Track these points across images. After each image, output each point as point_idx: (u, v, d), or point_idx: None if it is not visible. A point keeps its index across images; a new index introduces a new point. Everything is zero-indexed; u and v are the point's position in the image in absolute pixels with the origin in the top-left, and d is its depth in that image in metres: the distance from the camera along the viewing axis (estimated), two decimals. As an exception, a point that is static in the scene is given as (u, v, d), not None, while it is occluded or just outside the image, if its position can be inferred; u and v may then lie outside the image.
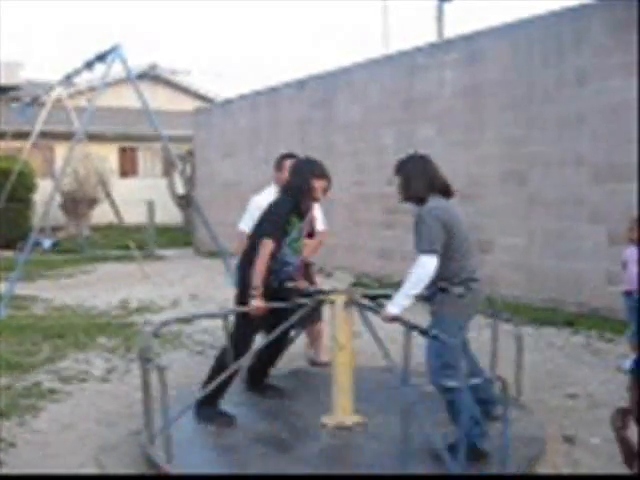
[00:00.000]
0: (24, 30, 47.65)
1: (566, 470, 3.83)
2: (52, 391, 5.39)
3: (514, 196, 8.64)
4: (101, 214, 17.66)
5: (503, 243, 8.79)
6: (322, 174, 4.60)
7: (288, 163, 5.41)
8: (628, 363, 5.63)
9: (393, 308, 3.81)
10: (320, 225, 5.73)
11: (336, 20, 54.29)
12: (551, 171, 8.18)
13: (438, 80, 9.64)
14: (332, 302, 4.28)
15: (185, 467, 3.71)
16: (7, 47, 48.09)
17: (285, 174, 5.32)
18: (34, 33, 53.11)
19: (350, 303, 4.27)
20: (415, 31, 35.47)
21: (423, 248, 3.76)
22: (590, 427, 4.45)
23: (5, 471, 3.94)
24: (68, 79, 11.70)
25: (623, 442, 2.30)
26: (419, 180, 3.96)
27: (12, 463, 4.05)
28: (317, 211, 5.53)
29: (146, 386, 3.81)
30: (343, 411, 4.29)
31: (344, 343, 4.26)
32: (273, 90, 13.58)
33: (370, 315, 4.22)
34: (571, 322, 7.39)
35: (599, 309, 7.62)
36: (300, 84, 12.68)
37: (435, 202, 3.91)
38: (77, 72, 11.14)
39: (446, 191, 4.02)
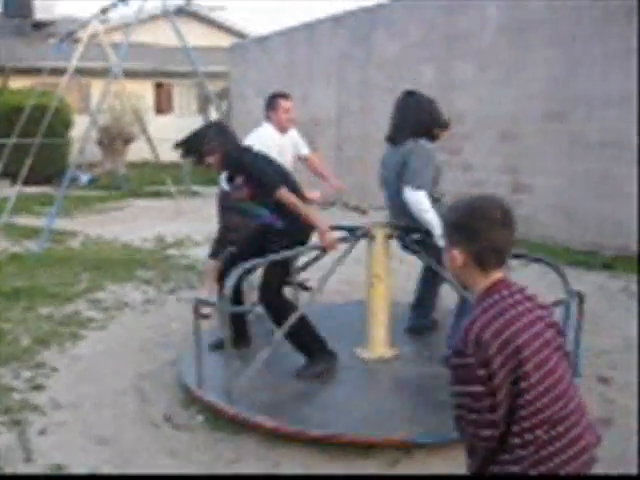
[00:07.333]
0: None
1: (600, 410, 3.82)
2: (91, 320, 5.51)
3: (555, 137, 8.43)
4: (137, 151, 17.71)
5: (543, 184, 8.62)
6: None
7: (283, 103, 5.32)
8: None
9: None
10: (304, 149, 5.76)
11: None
12: (594, 111, 7.95)
13: (480, 16, 9.34)
14: (372, 236, 4.24)
15: (216, 393, 3.78)
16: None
17: (280, 114, 5.30)
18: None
19: (389, 237, 4.27)
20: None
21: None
22: (625, 368, 4.43)
23: (48, 394, 4.07)
24: (104, 13, 11.58)
25: None
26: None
27: (54, 387, 4.18)
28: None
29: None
30: (381, 344, 4.32)
31: (382, 276, 4.26)
32: (310, 26, 13.31)
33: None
34: (610, 265, 7.29)
35: (638, 252, 7.49)
36: (337, 20, 12.41)
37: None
38: (113, 6, 11.02)
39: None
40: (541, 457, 1.74)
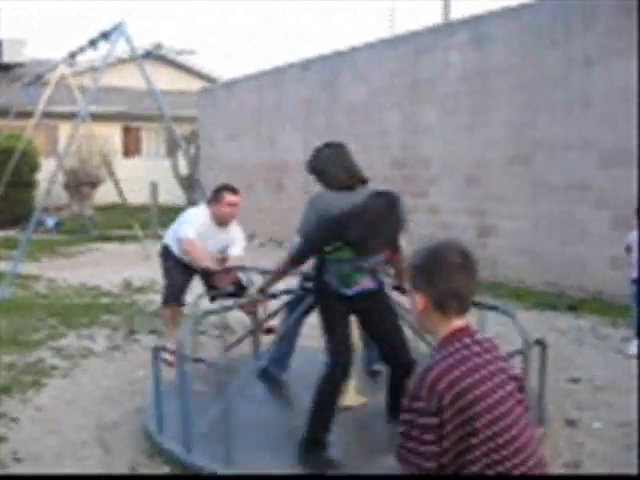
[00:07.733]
0: (26, 8, 47.39)
1: (568, 453, 3.83)
2: (55, 368, 5.39)
3: (519, 180, 8.59)
4: (104, 194, 17.62)
5: (507, 227, 8.75)
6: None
7: (228, 197, 5.28)
8: (632, 348, 5.61)
9: None
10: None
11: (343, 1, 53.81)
12: (557, 155, 8.13)
13: (444, 62, 9.55)
14: None
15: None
16: (10, 25, 47.79)
17: (220, 207, 5.25)
18: (36, 11, 52.75)
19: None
20: (422, 12, 35.12)
21: None
22: (592, 410, 4.45)
23: (8, 446, 3.95)
24: (72, 57, 11.61)
25: None
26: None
27: (15, 439, 4.06)
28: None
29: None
30: (350, 392, 4.29)
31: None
32: (278, 70, 13.49)
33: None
34: (574, 306, 7.38)
35: (603, 294, 7.60)
36: (305, 65, 12.60)
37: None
38: (81, 50, 11.04)
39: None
40: None
